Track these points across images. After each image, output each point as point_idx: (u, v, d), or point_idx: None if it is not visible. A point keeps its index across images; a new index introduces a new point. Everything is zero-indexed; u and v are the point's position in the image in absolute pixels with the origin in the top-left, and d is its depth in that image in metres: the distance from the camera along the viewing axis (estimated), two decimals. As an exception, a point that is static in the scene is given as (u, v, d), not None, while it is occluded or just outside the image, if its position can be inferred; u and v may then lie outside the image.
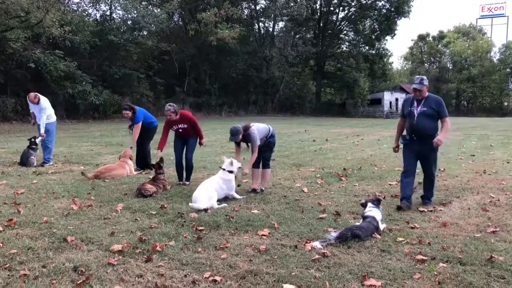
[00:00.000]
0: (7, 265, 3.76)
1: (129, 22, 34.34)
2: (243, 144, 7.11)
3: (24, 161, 9.45)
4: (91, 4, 33.88)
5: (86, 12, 33.99)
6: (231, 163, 6.59)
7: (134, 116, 9.03)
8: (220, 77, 43.43)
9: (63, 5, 28.70)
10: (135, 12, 32.98)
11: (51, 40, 26.51)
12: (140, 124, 9.02)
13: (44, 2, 21.85)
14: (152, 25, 33.92)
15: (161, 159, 7.35)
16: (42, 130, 9.59)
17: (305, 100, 51.66)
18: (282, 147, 13.54)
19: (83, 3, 33.22)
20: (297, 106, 50.11)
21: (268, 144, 7.15)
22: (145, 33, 35.10)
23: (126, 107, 9.16)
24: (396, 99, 57.45)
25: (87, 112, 29.94)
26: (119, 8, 34.47)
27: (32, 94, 9.78)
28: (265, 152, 7.14)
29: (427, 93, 6.19)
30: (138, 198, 6.43)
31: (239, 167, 6.73)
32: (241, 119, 31.16)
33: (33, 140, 9.67)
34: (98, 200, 6.29)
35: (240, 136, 6.83)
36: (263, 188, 7.12)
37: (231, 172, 6.57)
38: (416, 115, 6.11)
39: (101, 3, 33.94)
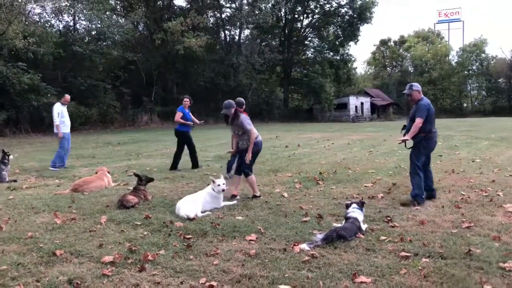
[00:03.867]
0: (0, 281, 3.73)
1: (93, 33, 33.91)
2: (235, 130, 7.22)
3: (-4, 177, 9.23)
4: (54, 15, 33.22)
5: (49, 23, 33.30)
6: (213, 182, 6.56)
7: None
8: (188, 86, 43.25)
9: (25, 16, 28.09)
10: (100, 22, 32.61)
11: (13, 52, 25.87)
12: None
13: (6, 14, 21.33)
14: (117, 36, 33.61)
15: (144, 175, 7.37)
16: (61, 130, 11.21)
17: (273, 107, 52.02)
18: (256, 154, 13.67)
19: (45, 14, 32.58)
20: (266, 112, 50.38)
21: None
22: (110, 43, 34.69)
23: (187, 97, 11.05)
24: (362, 103, 58.76)
25: (53, 125, 29.22)
26: (82, 18, 33.98)
27: (68, 95, 11.69)
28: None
29: (419, 98, 6.72)
30: (121, 209, 6.41)
31: (223, 186, 6.57)
32: (211, 127, 31.15)
33: (7, 155, 9.50)
34: (80, 213, 6.24)
35: (232, 110, 7.02)
36: (257, 194, 7.17)
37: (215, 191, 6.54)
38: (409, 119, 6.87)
39: (64, 14, 33.33)
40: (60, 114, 11.24)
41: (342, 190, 7.72)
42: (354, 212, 5.12)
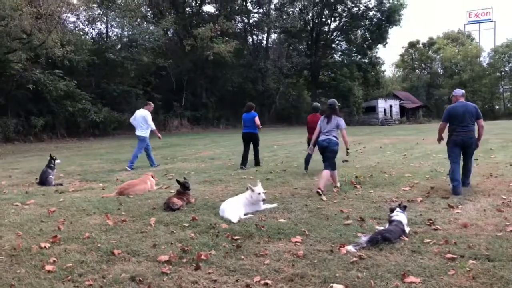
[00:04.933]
0: (69, 278, 4.01)
1: (125, 40, 34.78)
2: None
3: (43, 180, 9.67)
4: (87, 23, 34.28)
5: (83, 31, 34.38)
6: (251, 189, 6.69)
7: None
8: (217, 91, 43.90)
9: (60, 26, 29.12)
10: (131, 29, 33.46)
11: (50, 60, 26.84)
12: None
13: (46, 24, 22.20)
14: (146, 43, 34.34)
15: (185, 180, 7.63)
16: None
17: (301, 110, 52.10)
18: (289, 158, 13.86)
19: (79, 22, 33.68)
20: (294, 116, 50.57)
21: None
22: (142, 50, 35.52)
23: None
24: (390, 106, 58.19)
25: (87, 130, 30.17)
26: (115, 26, 34.94)
27: (152, 103, 13.27)
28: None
29: (456, 101, 8.03)
30: (167, 211, 6.68)
31: (263, 196, 6.69)
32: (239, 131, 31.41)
33: (53, 159, 9.95)
34: (129, 215, 6.53)
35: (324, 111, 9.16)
36: (337, 185, 8.56)
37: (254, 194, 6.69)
38: None
39: (97, 22, 34.38)
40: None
41: (381, 194, 7.79)
42: (398, 215, 5.22)
